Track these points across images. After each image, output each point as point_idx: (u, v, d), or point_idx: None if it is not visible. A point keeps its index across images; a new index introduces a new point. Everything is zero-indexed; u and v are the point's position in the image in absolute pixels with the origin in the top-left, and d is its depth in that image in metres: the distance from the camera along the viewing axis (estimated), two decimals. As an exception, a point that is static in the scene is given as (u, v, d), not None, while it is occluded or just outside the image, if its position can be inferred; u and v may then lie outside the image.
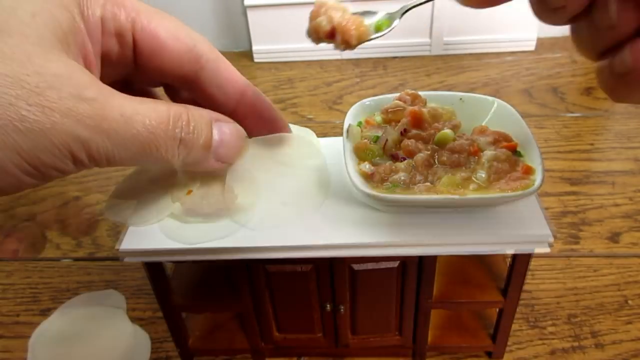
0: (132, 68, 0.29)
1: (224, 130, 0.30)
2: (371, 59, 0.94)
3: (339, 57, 0.95)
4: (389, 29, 0.29)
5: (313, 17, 0.28)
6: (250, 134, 0.33)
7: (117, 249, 0.34)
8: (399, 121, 0.37)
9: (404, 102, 0.38)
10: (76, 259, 0.57)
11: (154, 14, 0.28)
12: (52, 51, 0.23)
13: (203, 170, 0.32)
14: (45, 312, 0.51)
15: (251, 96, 0.31)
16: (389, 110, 0.38)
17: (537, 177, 0.31)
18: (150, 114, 0.25)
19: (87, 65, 0.26)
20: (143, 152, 0.25)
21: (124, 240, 0.35)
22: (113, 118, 0.23)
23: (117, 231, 0.60)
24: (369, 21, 0.29)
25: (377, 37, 0.29)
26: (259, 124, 0.33)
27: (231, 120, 0.30)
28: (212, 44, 0.30)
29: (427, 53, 0.94)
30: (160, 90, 0.35)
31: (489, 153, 0.32)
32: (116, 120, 0.23)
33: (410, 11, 0.30)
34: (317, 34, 0.28)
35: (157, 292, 0.39)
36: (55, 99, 0.21)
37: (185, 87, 0.31)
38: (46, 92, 0.21)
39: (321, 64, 0.94)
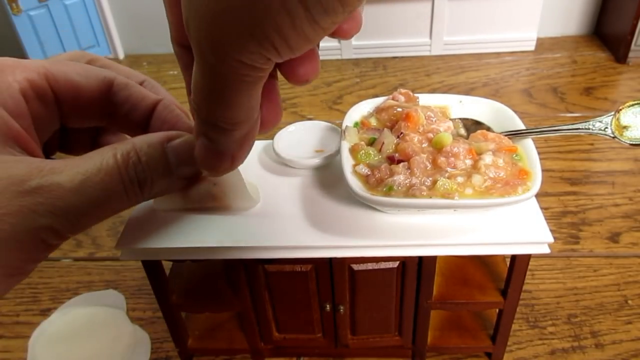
0: (60, 119, 0.29)
1: (177, 146, 0.29)
2: (371, 59, 0.94)
3: (339, 57, 0.95)
4: None
5: None
6: None
7: (116, 248, 0.34)
8: (392, 121, 0.37)
9: (397, 101, 0.38)
10: (76, 259, 0.57)
11: (61, 64, 0.28)
12: None
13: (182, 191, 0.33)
14: (45, 312, 0.51)
15: (161, 110, 0.31)
16: (382, 109, 0.37)
17: (535, 181, 0.31)
18: (99, 171, 0.25)
19: (22, 145, 0.26)
20: (109, 208, 0.25)
21: (122, 239, 0.35)
22: (65, 195, 0.23)
23: (117, 231, 0.60)
24: None
25: None
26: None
27: (183, 133, 0.30)
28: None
29: (427, 53, 0.94)
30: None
31: (487, 158, 0.32)
32: (69, 196, 0.24)
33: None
34: None
35: (156, 292, 0.39)
36: (4, 203, 0.22)
37: (108, 118, 0.31)
38: None
39: (321, 64, 0.94)
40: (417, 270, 0.37)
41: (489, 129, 0.37)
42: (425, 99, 0.39)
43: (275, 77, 0.27)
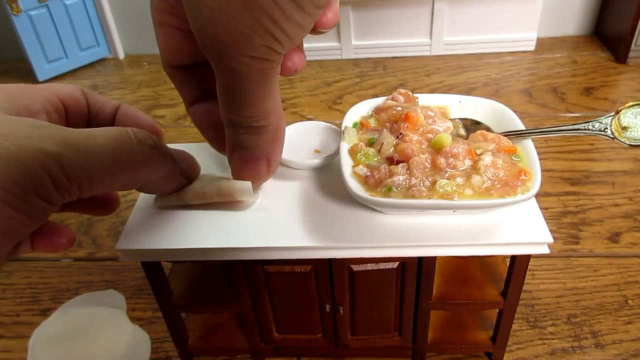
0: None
1: (173, 149, 0.31)
2: (371, 59, 0.94)
3: (339, 57, 0.95)
4: None
5: None
6: None
7: (116, 249, 0.34)
8: (391, 121, 0.36)
9: (397, 101, 0.38)
10: (76, 259, 0.57)
11: (53, 84, 0.31)
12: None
13: (170, 190, 0.34)
14: (45, 312, 0.51)
15: (125, 108, 0.33)
16: (382, 109, 0.37)
17: (535, 182, 0.31)
18: (108, 129, 0.25)
19: None
20: (116, 159, 0.25)
21: (122, 240, 0.35)
22: (74, 135, 0.24)
23: (117, 231, 0.60)
24: None
25: None
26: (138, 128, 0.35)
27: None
28: None
29: (427, 53, 0.94)
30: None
31: (486, 158, 0.32)
32: (78, 136, 0.24)
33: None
34: None
35: (156, 292, 0.39)
36: (14, 129, 0.22)
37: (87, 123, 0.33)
38: (3, 126, 0.22)
39: (321, 64, 0.94)
40: (416, 270, 0.37)
41: (488, 129, 0.37)
42: (425, 99, 0.39)
43: None
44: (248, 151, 0.30)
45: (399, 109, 0.36)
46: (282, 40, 0.24)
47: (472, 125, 0.38)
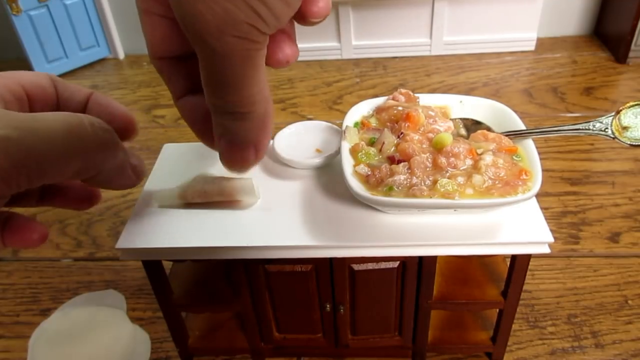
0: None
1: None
2: (371, 59, 0.94)
3: (339, 57, 0.95)
4: None
5: None
6: None
7: (116, 248, 0.34)
8: (392, 121, 0.37)
9: (398, 101, 0.38)
10: (76, 259, 0.57)
11: (17, 72, 0.30)
12: None
13: (119, 187, 0.32)
14: (45, 312, 0.51)
15: (97, 96, 0.32)
16: (383, 109, 0.37)
17: (535, 181, 0.31)
18: (59, 113, 0.24)
19: None
20: (66, 142, 0.23)
21: (122, 238, 0.35)
22: (20, 119, 0.22)
23: (117, 231, 0.60)
24: None
25: None
26: (111, 117, 0.33)
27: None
28: None
29: (427, 53, 0.94)
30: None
31: (487, 158, 0.32)
32: (25, 120, 0.22)
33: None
34: None
35: (157, 292, 0.39)
36: None
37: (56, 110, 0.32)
38: None
39: (321, 64, 0.94)
40: (417, 270, 0.37)
41: (489, 129, 0.37)
42: (426, 99, 0.39)
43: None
44: (235, 137, 0.29)
45: (400, 108, 0.36)
46: (267, 17, 0.23)
47: (472, 125, 0.38)
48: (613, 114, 0.32)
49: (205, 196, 0.35)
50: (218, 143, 0.30)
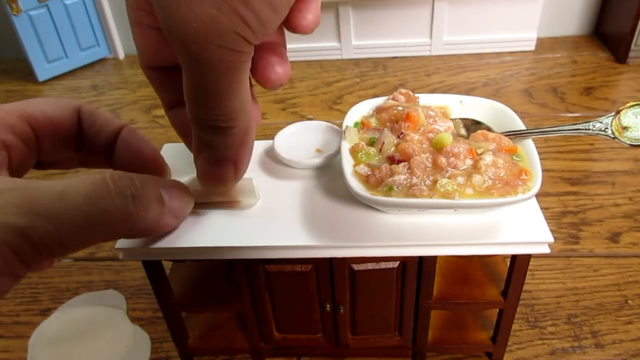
0: (38, 154, 0.29)
1: (166, 183, 0.29)
2: (371, 59, 0.94)
3: (339, 57, 0.95)
4: None
5: None
6: (131, 171, 0.31)
7: (117, 247, 0.34)
8: (392, 121, 0.37)
9: (398, 101, 0.38)
10: (76, 259, 0.57)
11: (36, 101, 0.28)
12: None
13: (156, 234, 0.31)
14: (45, 312, 0.51)
15: (126, 133, 0.31)
16: (383, 109, 0.37)
17: (535, 181, 0.31)
18: (84, 182, 0.23)
19: None
20: (92, 221, 0.23)
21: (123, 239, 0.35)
22: (43, 198, 0.21)
23: (117, 231, 0.60)
24: None
25: None
26: (141, 162, 0.32)
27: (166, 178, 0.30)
28: None
29: (427, 53, 0.94)
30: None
31: (487, 158, 0.32)
32: (48, 199, 0.21)
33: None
34: None
35: (157, 291, 0.39)
36: None
37: (77, 146, 0.30)
38: None
39: (321, 64, 0.94)
40: (417, 270, 0.37)
41: (489, 129, 0.37)
42: (426, 99, 0.39)
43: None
44: (214, 153, 0.28)
45: (400, 108, 0.36)
46: (253, 24, 0.22)
47: (472, 125, 0.38)
48: (613, 114, 0.32)
49: (205, 196, 0.34)
50: (196, 159, 0.29)
